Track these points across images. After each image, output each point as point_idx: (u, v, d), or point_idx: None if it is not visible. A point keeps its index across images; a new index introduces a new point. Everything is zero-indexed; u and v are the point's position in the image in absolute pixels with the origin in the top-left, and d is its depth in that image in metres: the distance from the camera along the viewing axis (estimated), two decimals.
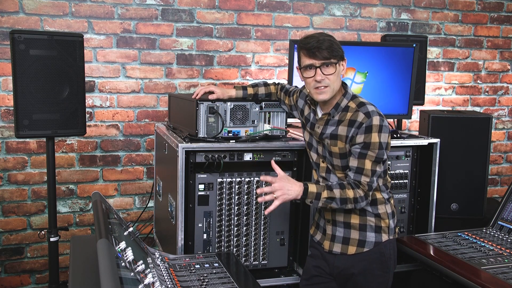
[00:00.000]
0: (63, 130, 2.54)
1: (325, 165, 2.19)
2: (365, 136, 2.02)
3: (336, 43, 2.05)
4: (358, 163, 2.03)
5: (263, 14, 3.59)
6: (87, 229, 3.42)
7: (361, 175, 2.03)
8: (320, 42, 2.01)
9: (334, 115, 2.12)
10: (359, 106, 2.08)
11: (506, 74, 4.27)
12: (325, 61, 2.01)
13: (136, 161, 3.46)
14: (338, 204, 2.02)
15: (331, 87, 2.05)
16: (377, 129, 2.02)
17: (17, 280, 3.32)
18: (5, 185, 3.22)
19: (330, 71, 2.03)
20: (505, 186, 4.32)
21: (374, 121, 2.02)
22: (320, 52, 2.00)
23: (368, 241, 2.14)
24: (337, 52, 2.03)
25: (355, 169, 2.04)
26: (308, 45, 2.02)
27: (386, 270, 2.17)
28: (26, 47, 2.38)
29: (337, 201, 2.01)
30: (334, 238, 2.19)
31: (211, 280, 1.90)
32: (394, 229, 2.21)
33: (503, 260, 2.32)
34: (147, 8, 3.36)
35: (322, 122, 2.15)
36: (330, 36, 2.06)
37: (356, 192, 2.02)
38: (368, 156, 2.02)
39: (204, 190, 2.42)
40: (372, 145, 2.02)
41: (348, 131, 2.06)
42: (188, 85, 3.50)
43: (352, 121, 2.05)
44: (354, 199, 2.02)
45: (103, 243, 1.44)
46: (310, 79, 2.05)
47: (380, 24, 3.85)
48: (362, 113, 2.04)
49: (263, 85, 2.53)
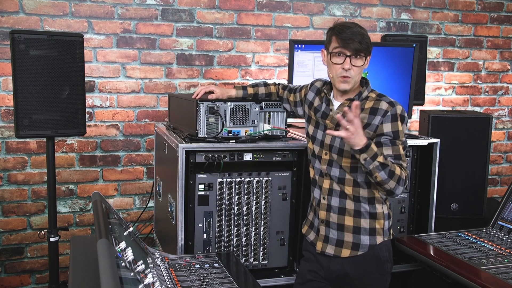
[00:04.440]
0: (63, 130, 2.54)
1: (327, 158, 2.17)
2: (392, 125, 2.05)
3: (368, 38, 2.09)
4: (393, 150, 2.05)
5: (263, 14, 3.59)
6: (87, 229, 3.42)
7: (399, 160, 2.05)
8: (355, 34, 2.04)
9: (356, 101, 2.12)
10: (379, 96, 2.13)
11: (506, 74, 4.27)
12: (355, 53, 2.05)
13: (136, 161, 3.46)
14: (386, 174, 1.98)
15: (354, 79, 2.09)
16: (402, 119, 2.07)
17: (17, 280, 3.32)
18: (5, 185, 3.22)
19: (358, 63, 2.07)
20: (505, 186, 4.32)
21: (398, 110, 2.07)
22: (353, 44, 2.04)
23: (362, 244, 2.12)
24: (367, 46, 2.07)
25: (393, 156, 2.05)
26: (343, 35, 2.05)
27: (383, 272, 2.16)
28: (26, 47, 2.38)
29: (386, 170, 1.97)
30: (327, 239, 2.17)
31: (211, 280, 1.90)
32: (388, 231, 2.19)
33: (503, 260, 2.32)
34: (147, 8, 3.36)
35: (342, 108, 2.14)
36: (363, 30, 2.09)
37: (402, 172, 2.03)
38: (399, 143, 2.06)
39: (204, 190, 2.42)
40: (400, 134, 2.06)
41: (370, 118, 2.08)
42: (188, 85, 3.50)
43: (375, 109, 2.08)
44: (399, 178, 2.00)
45: (103, 243, 1.44)
46: (338, 65, 2.08)
47: (380, 24, 3.85)
48: (386, 102, 2.08)
49: (263, 85, 2.53)
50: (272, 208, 2.53)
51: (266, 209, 2.52)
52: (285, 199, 2.54)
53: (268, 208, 2.52)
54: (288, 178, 2.53)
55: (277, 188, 2.52)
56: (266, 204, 2.51)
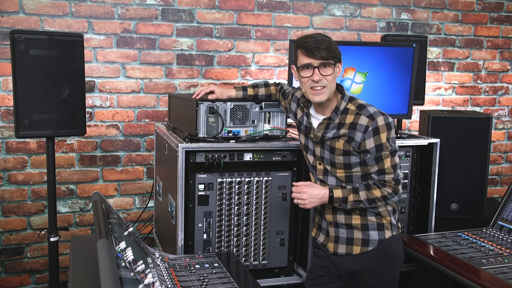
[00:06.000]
0: (63, 130, 2.54)
1: (322, 167, 2.18)
2: (374, 139, 2.02)
3: (334, 44, 2.04)
4: (378, 166, 2.05)
5: (263, 14, 3.59)
6: (87, 229, 3.42)
7: (384, 175, 2.06)
8: (319, 42, 2.00)
9: (335, 118, 2.11)
10: (359, 109, 2.07)
11: (506, 74, 4.27)
12: (323, 61, 2.01)
13: (136, 161, 3.46)
14: (366, 205, 2.08)
15: (328, 88, 2.04)
16: (384, 129, 2.03)
17: (17, 280, 3.32)
18: (5, 185, 3.22)
19: (328, 72, 2.02)
20: (505, 186, 4.32)
21: (379, 122, 2.02)
22: (319, 52, 1.99)
23: (371, 239, 2.14)
24: (335, 53, 2.03)
25: (377, 171, 2.06)
26: (307, 44, 2.01)
27: (393, 267, 2.17)
28: (26, 47, 2.38)
29: (364, 202, 2.07)
30: (338, 239, 2.19)
31: (211, 280, 1.90)
32: (396, 225, 2.21)
33: (503, 260, 2.32)
34: (147, 8, 3.36)
35: (323, 126, 2.13)
36: (328, 37, 2.05)
37: (383, 190, 2.05)
38: (384, 156, 2.04)
39: (204, 190, 2.42)
40: (384, 145, 2.03)
41: (351, 133, 2.05)
42: (188, 85, 3.50)
43: (355, 124, 2.04)
44: (382, 197, 2.06)
45: (103, 243, 1.44)
46: (307, 78, 2.04)
47: (380, 24, 3.85)
48: (365, 116, 2.03)
49: (264, 85, 2.53)
50: (272, 208, 2.53)
51: (266, 209, 2.52)
52: (285, 199, 2.54)
53: (268, 208, 2.52)
54: (288, 178, 2.53)
55: (277, 188, 2.52)
56: (266, 204, 2.51)
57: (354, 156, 2.08)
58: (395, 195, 2.07)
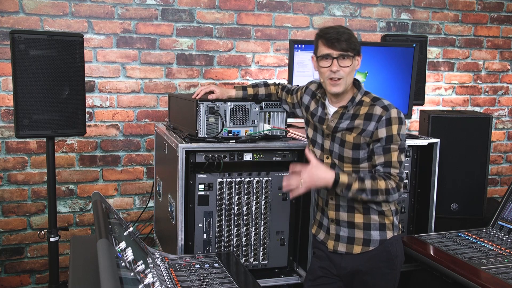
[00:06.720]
0: (63, 130, 2.54)
1: (329, 161, 2.18)
2: (386, 130, 2.04)
3: (355, 37, 2.08)
4: (385, 158, 2.05)
5: (263, 14, 3.59)
6: (87, 229, 3.42)
7: (390, 167, 2.05)
8: (340, 33, 2.03)
9: (350, 108, 2.13)
10: (374, 101, 2.10)
11: (506, 74, 4.27)
12: (342, 53, 2.04)
13: (136, 161, 3.46)
14: (368, 196, 2.03)
15: (345, 79, 2.07)
16: (397, 121, 2.05)
17: (17, 280, 3.32)
18: (5, 185, 3.22)
19: (346, 64, 2.05)
20: (505, 186, 4.32)
21: (392, 114, 2.05)
22: (339, 43, 2.03)
23: (373, 239, 2.14)
24: (355, 45, 2.06)
25: (383, 163, 2.05)
26: (328, 35, 2.04)
27: (393, 267, 2.17)
28: (26, 47, 2.38)
29: (367, 192, 2.02)
30: (338, 237, 2.18)
31: (211, 280, 1.90)
32: (398, 226, 2.21)
33: (503, 260, 2.32)
34: (147, 8, 3.36)
35: (337, 116, 2.15)
36: (349, 30, 2.08)
37: (388, 183, 2.03)
38: (393, 149, 2.05)
39: (204, 190, 2.42)
40: (394, 138, 2.04)
41: (365, 124, 2.07)
42: (188, 85, 3.50)
43: (370, 115, 2.07)
44: (386, 190, 2.03)
45: (103, 243, 1.44)
46: (326, 69, 2.07)
47: (380, 24, 3.85)
48: (380, 107, 2.07)
49: (263, 85, 2.53)
50: (272, 208, 2.53)
51: (266, 209, 2.52)
52: (285, 199, 2.54)
53: (268, 208, 2.52)
54: None
55: (277, 188, 2.52)
56: (266, 204, 2.51)
57: (363, 150, 2.08)
58: (397, 191, 2.06)
